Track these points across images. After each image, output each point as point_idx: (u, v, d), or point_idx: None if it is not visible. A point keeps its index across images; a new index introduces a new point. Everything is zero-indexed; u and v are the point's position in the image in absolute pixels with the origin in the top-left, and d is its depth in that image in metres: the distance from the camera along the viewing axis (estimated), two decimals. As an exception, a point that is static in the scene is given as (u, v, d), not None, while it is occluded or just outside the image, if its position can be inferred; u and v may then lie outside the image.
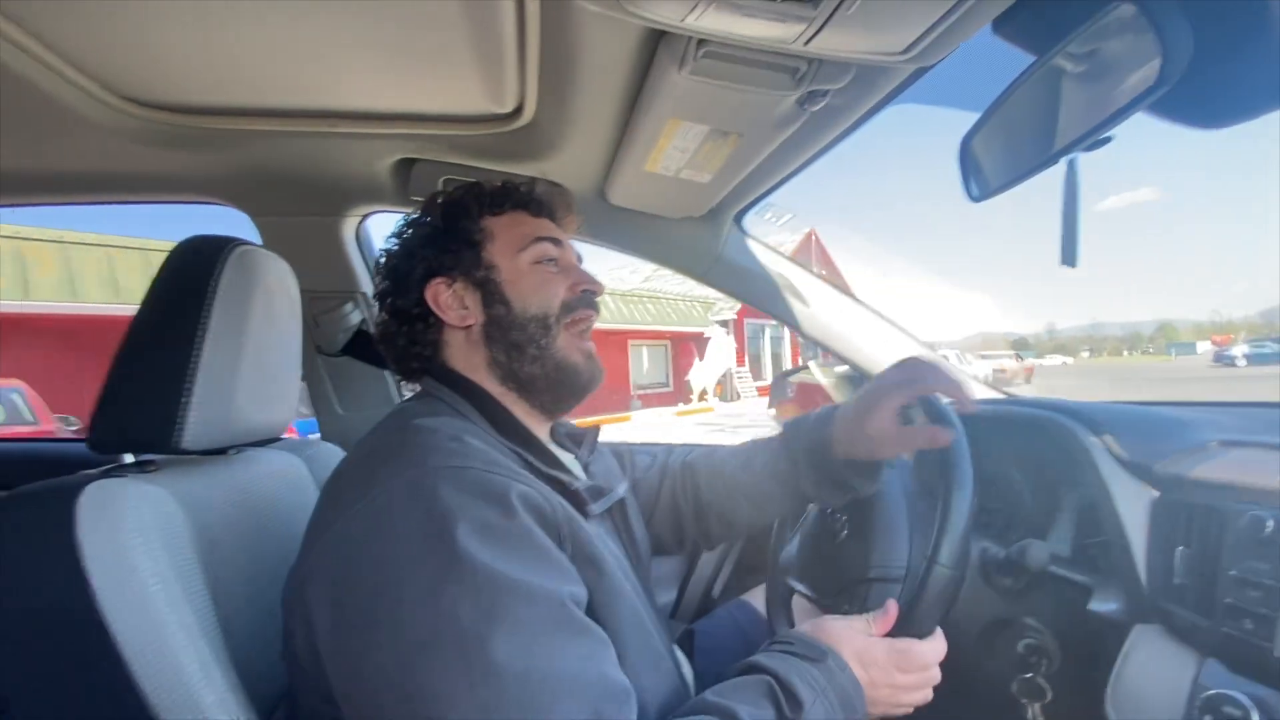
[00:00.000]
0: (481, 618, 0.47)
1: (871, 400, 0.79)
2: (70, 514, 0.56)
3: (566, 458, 0.79)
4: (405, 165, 1.08)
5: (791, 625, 0.93)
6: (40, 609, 0.57)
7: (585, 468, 0.82)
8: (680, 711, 0.54)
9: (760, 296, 1.29)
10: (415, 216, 0.79)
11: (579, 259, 0.80)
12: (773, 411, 1.65)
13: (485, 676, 0.46)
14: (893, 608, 0.66)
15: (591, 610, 0.57)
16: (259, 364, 0.78)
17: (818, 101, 0.73)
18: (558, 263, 0.76)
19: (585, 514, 0.65)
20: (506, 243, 0.75)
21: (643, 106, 0.80)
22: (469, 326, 0.73)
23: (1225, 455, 0.73)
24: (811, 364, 1.51)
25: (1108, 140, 0.51)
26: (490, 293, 0.73)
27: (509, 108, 0.89)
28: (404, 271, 0.74)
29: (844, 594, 0.85)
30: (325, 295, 1.22)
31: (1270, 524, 0.58)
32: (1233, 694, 0.56)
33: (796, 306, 1.28)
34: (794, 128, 0.81)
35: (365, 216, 1.24)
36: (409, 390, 0.79)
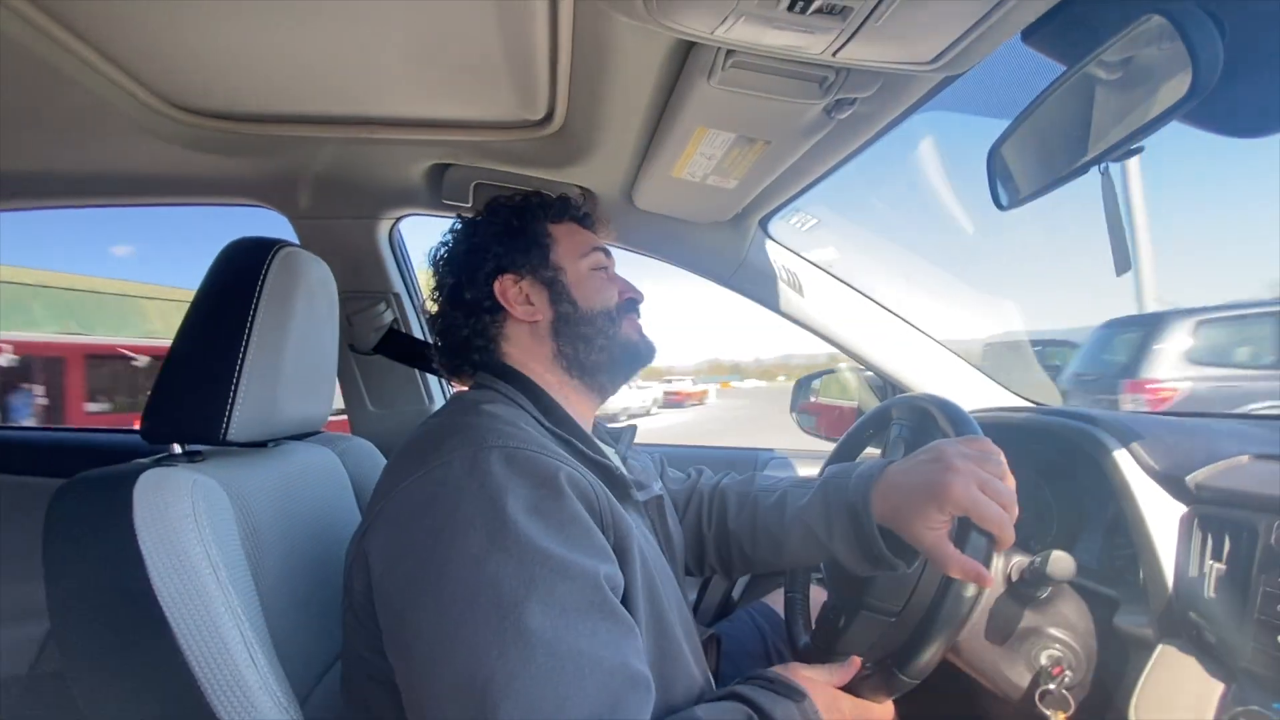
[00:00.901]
0: (520, 586, 0.50)
1: (920, 498, 0.66)
2: (128, 499, 0.59)
3: (608, 450, 0.82)
4: (438, 170, 1.11)
5: (810, 630, 0.94)
6: (99, 587, 0.60)
7: (624, 461, 0.84)
8: None
9: (784, 303, 1.29)
10: (476, 217, 0.84)
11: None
12: (794, 415, 1.64)
13: (516, 642, 0.48)
14: (855, 662, 0.70)
15: (624, 596, 0.59)
16: (300, 361, 0.81)
17: (845, 110, 0.74)
18: (607, 271, 0.84)
19: (628, 499, 0.69)
20: (569, 248, 0.82)
21: (671, 114, 0.82)
22: (534, 321, 0.78)
23: (1259, 469, 0.72)
24: (842, 366, 1.50)
25: (1139, 150, 0.51)
26: (557, 292, 0.79)
27: (540, 114, 0.91)
28: (472, 265, 0.79)
29: (861, 598, 0.85)
30: (359, 295, 1.26)
31: None
32: (1263, 710, 0.55)
33: (822, 314, 1.28)
34: (820, 135, 0.82)
35: (398, 220, 1.27)
36: (449, 386, 0.83)
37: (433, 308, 0.83)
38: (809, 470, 1.37)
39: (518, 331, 0.78)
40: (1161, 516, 0.75)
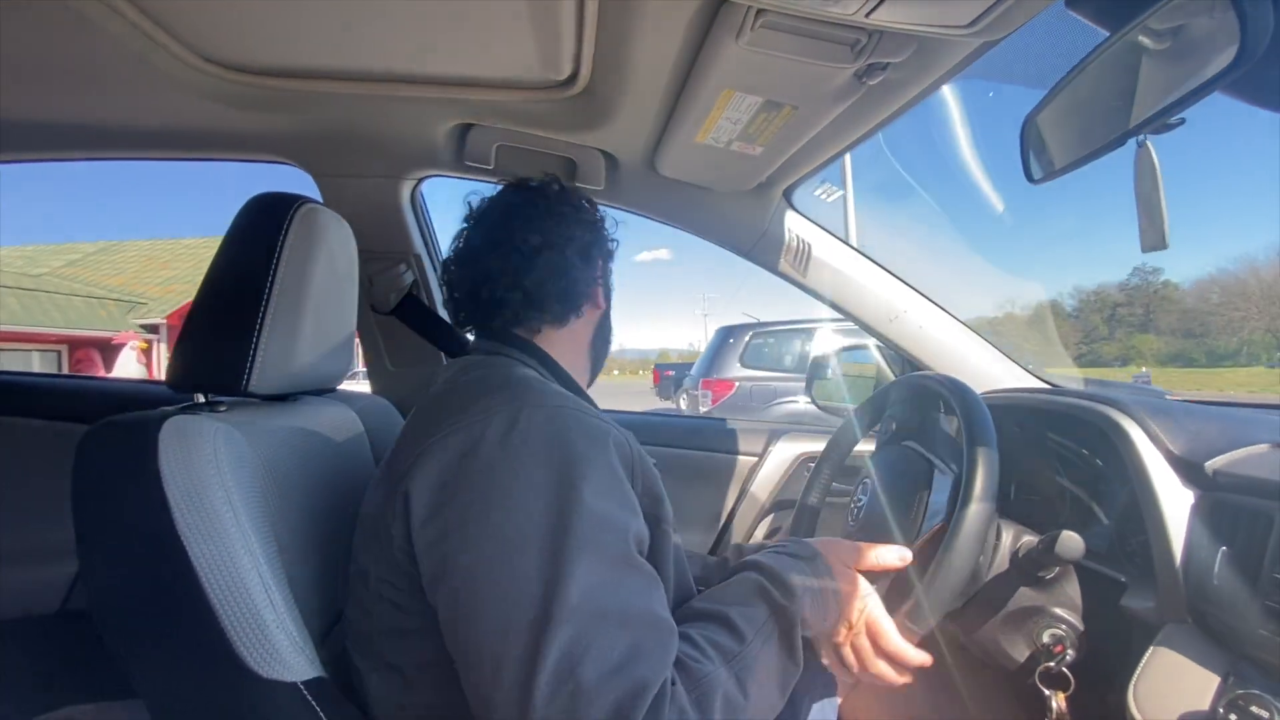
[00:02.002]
0: (565, 533, 0.53)
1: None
2: (153, 444, 0.61)
3: None
4: (461, 130, 1.11)
5: None
6: (125, 529, 0.62)
7: None
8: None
9: (806, 276, 1.27)
10: (580, 209, 0.84)
11: None
12: (810, 394, 1.64)
13: (558, 581, 0.51)
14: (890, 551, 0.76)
15: (650, 547, 0.63)
16: (319, 317, 0.82)
17: (876, 75, 0.72)
18: None
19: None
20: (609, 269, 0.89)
21: (697, 76, 0.80)
22: (595, 314, 0.84)
23: (1276, 458, 0.70)
24: (872, 345, 1.48)
25: (1181, 123, 0.49)
26: (607, 294, 0.87)
27: (564, 74, 0.90)
28: (592, 243, 0.83)
29: None
30: (380, 255, 1.27)
31: None
32: (1262, 695, 0.55)
33: (842, 289, 1.27)
34: (850, 101, 0.80)
35: (421, 180, 1.27)
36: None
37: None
38: (817, 445, 1.37)
39: (592, 314, 0.84)
40: (1176, 501, 0.74)
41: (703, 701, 0.54)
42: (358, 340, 1.34)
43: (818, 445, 1.38)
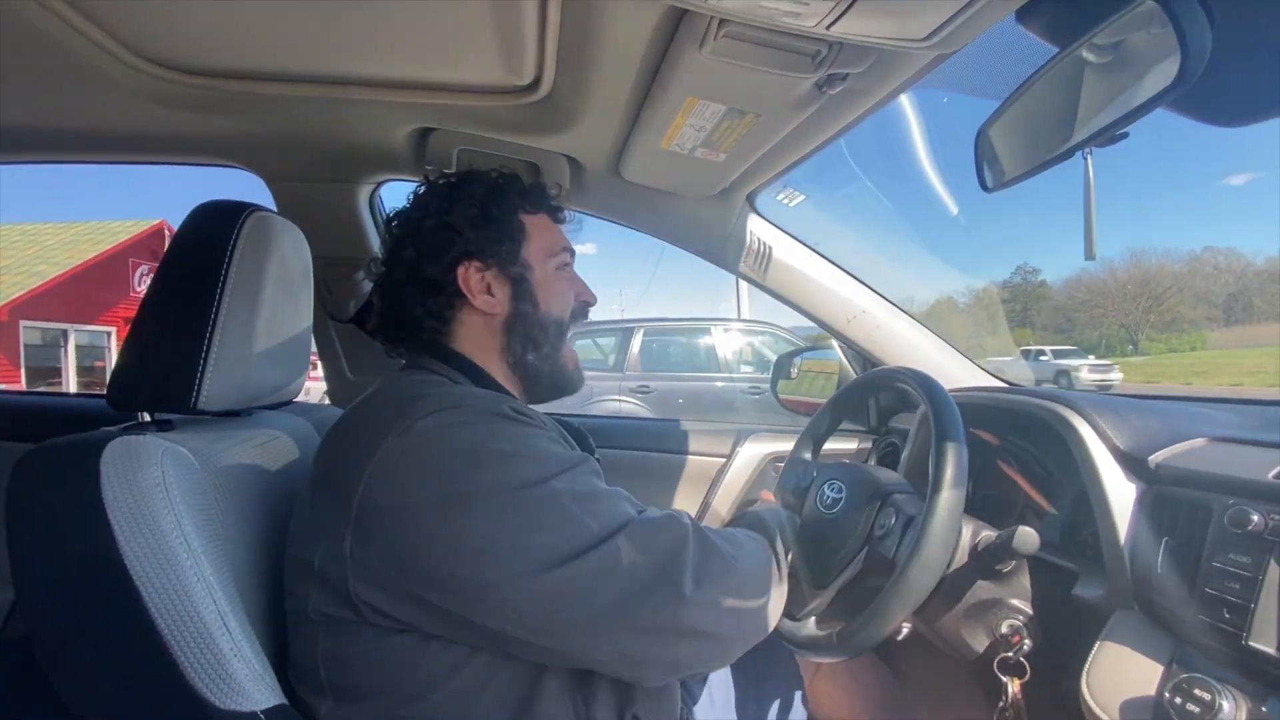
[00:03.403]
0: (541, 473, 0.59)
1: None
2: (95, 469, 0.58)
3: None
4: (421, 135, 1.08)
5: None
6: (67, 557, 0.59)
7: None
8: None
9: (770, 279, 1.29)
10: (449, 189, 0.81)
11: None
12: (774, 392, 1.66)
13: (570, 506, 0.59)
14: None
15: None
16: (273, 329, 0.80)
17: (836, 85, 0.73)
18: (569, 271, 0.84)
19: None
20: (541, 246, 0.81)
21: (661, 83, 0.80)
22: (492, 314, 0.78)
23: (1216, 450, 0.75)
24: (835, 344, 1.51)
25: (1124, 136, 0.52)
26: (521, 289, 0.79)
27: (526, 80, 0.89)
28: (438, 244, 0.77)
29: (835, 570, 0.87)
30: (338, 262, 1.23)
31: (1255, 518, 0.60)
32: (1204, 678, 0.58)
33: (803, 290, 1.29)
34: (811, 110, 0.81)
35: (379, 185, 1.24)
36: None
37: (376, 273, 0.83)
38: (784, 445, 1.39)
39: (472, 319, 0.78)
40: (1122, 493, 0.77)
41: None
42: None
43: (785, 445, 1.40)
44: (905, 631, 0.81)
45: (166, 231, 13.15)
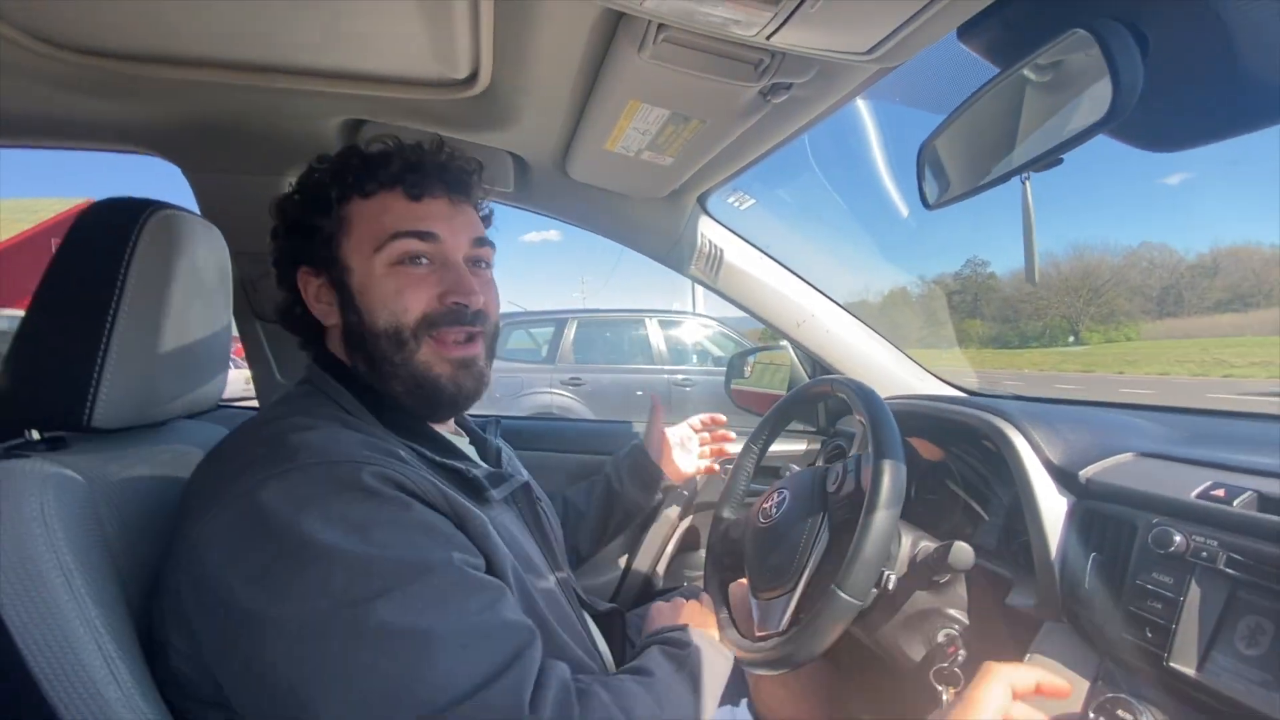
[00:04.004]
0: (366, 590, 0.48)
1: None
2: None
3: (462, 443, 0.77)
4: (353, 127, 1.02)
5: (728, 608, 0.95)
6: None
7: (498, 453, 0.82)
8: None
9: (720, 281, 1.28)
10: (296, 184, 0.74)
11: (480, 244, 0.72)
12: (727, 391, 1.65)
13: (375, 645, 0.46)
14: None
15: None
16: (183, 336, 0.74)
17: (780, 94, 0.71)
18: (430, 260, 0.67)
19: (484, 501, 0.64)
20: (363, 238, 0.66)
21: (602, 85, 0.77)
22: (331, 326, 0.70)
23: (1142, 466, 0.76)
24: (785, 343, 1.51)
25: (1059, 162, 0.51)
26: (345, 297, 0.67)
27: (463, 73, 0.84)
28: (280, 249, 0.72)
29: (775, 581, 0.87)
30: (264, 258, 1.15)
31: (1178, 539, 0.61)
32: (1128, 699, 0.59)
33: (753, 293, 1.28)
34: (757, 117, 0.79)
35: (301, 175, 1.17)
36: None
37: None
38: (734, 447, 1.39)
39: (331, 330, 0.71)
40: (1053, 507, 0.79)
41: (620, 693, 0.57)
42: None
43: (734, 447, 1.39)
44: None
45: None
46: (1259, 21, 0.41)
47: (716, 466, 1.26)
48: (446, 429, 0.77)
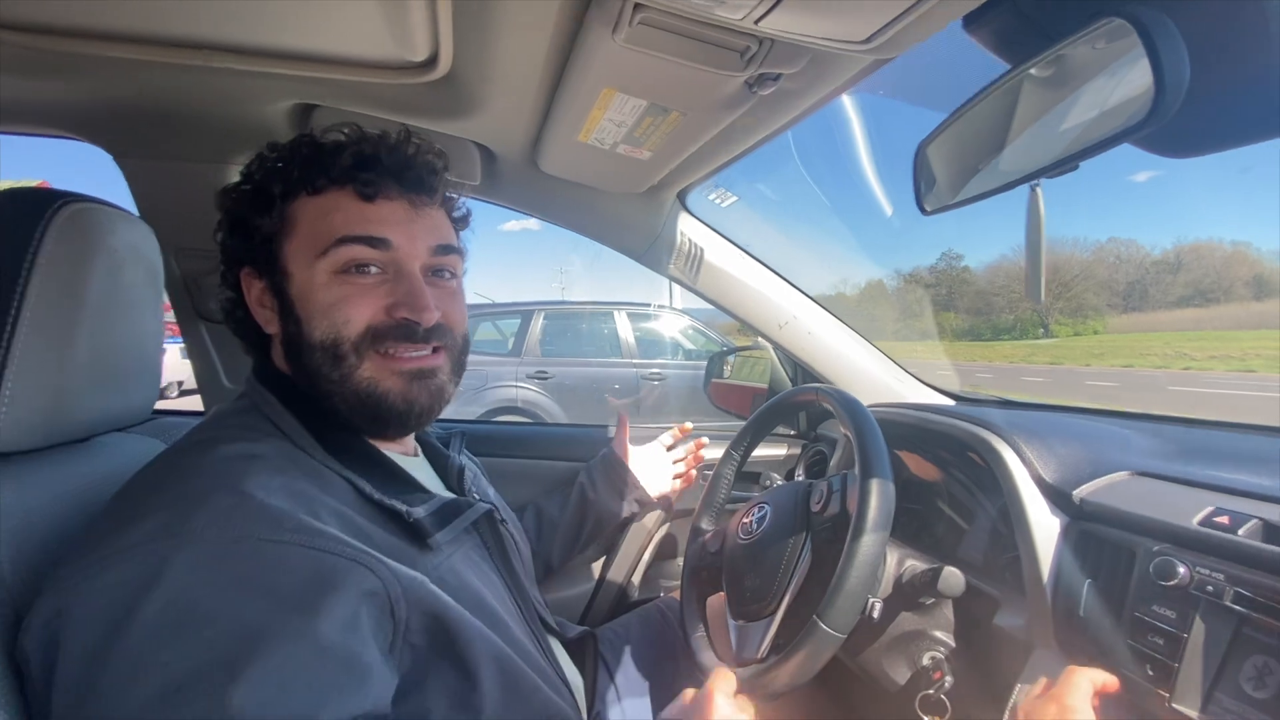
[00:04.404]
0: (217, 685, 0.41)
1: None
2: None
3: (417, 465, 0.71)
4: (304, 111, 0.94)
5: (704, 625, 0.91)
6: None
7: (460, 472, 0.76)
8: None
9: (700, 282, 1.22)
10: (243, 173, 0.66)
11: (443, 252, 0.65)
12: (706, 392, 1.61)
13: None
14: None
15: (431, 649, 0.53)
16: (103, 343, 0.66)
17: (768, 85, 0.65)
18: (381, 269, 0.60)
19: (424, 547, 0.57)
20: (306, 240, 0.59)
21: (573, 71, 0.70)
22: (272, 334, 0.64)
23: (1137, 487, 0.73)
24: (762, 340, 1.47)
25: (1074, 168, 0.46)
26: (284, 305, 0.61)
27: (421, 56, 0.77)
28: (223, 248, 0.65)
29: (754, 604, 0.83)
30: (207, 254, 1.07)
31: (1181, 570, 0.57)
32: None
33: (734, 294, 1.23)
34: (742, 110, 0.74)
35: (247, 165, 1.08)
36: None
37: None
38: (713, 453, 1.34)
39: (274, 338, 0.65)
40: (1045, 527, 0.75)
41: None
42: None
43: (714, 453, 1.34)
44: None
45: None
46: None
47: (694, 474, 1.21)
48: (400, 449, 0.70)
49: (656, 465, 1.15)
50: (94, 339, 0.65)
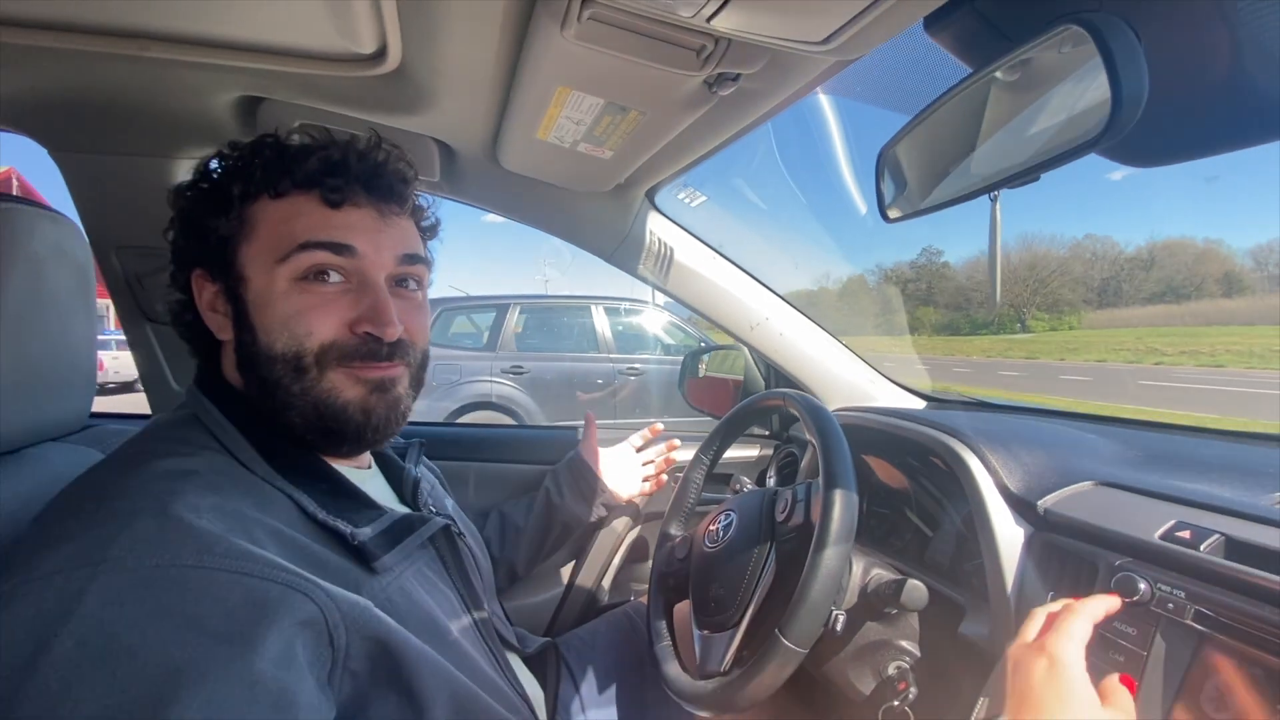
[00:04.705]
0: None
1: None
2: None
3: (369, 479, 0.68)
4: (250, 104, 0.89)
5: (670, 634, 0.89)
6: None
7: (415, 484, 0.72)
8: None
9: (670, 282, 1.20)
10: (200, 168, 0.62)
11: (410, 261, 0.62)
12: (683, 390, 1.59)
13: None
14: None
15: (374, 675, 0.50)
16: (27, 350, 0.63)
17: (728, 86, 0.63)
18: (344, 278, 0.58)
19: (369, 570, 0.54)
20: (266, 245, 0.56)
21: (526, 68, 0.67)
22: (223, 341, 0.60)
23: (1100, 498, 0.72)
24: (734, 344, 1.46)
25: (1035, 178, 0.45)
26: (238, 311, 0.57)
27: (369, 49, 0.73)
28: (174, 244, 0.61)
29: (718, 614, 0.81)
30: (150, 251, 1.02)
31: (1142, 587, 0.57)
32: None
33: (705, 294, 1.21)
34: (703, 110, 0.71)
35: (204, 161, 1.04)
36: None
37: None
38: (684, 454, 1.32)
39: (226, 347, 0.61)
40: (1009, 538, 0.74)
41: None
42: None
43: (685, 455, 1.33)
44: None
45: (15, 181, 11.41)
46: (1266, 26, 0.35)
47: (665, 478, 1.20)
48: (354, 462, 0.67)
49: (625, 468, 1.13)
50: (16, 346, 0.61)
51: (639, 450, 1.16)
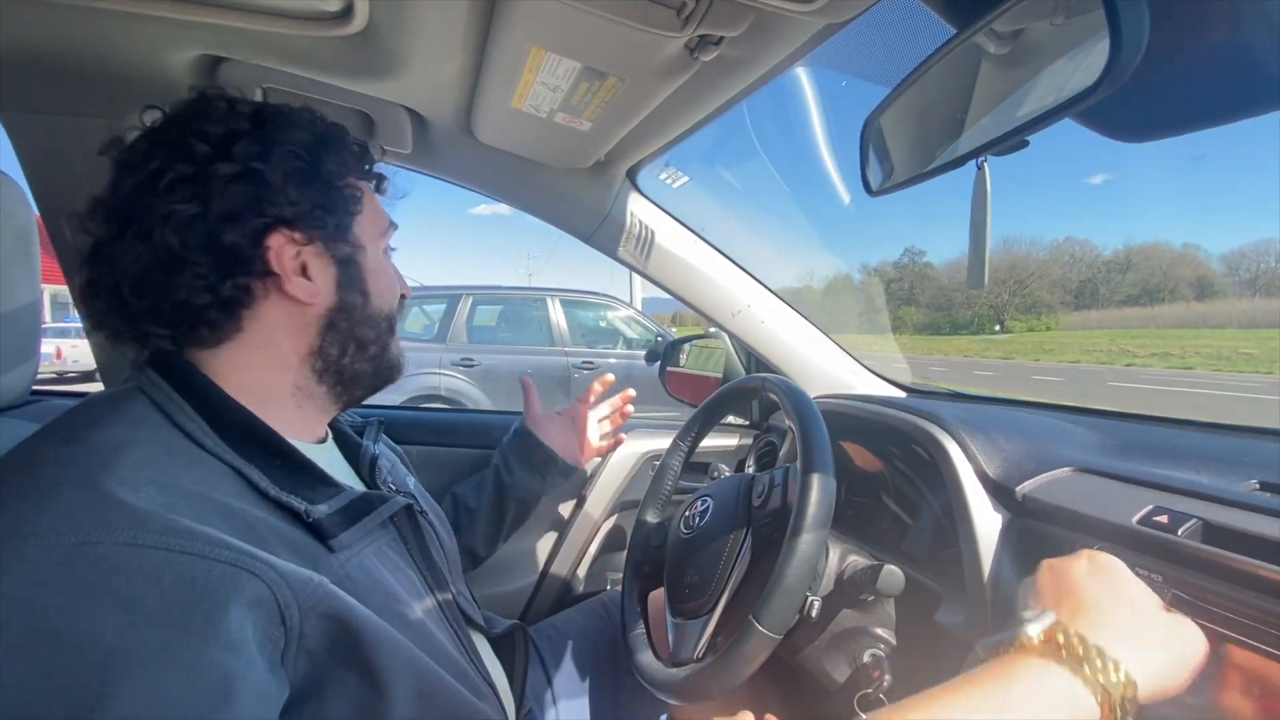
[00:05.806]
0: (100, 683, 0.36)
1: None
2: None
3: (326, 454, 0.66)
4: (209, 63, 0.85)
5: (645, 622, 0.88)
6: None
7: (373, 461, 0.70)
8: None
9: (651, 266, 1.17)
10: (254, 121, 0.57)
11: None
12: (662, 381, 1.57)
13: None
14: None
15: (331, 654, 0.48)
16: None
17: (710, 50, 0.60)
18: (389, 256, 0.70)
19: (329, 547, 0.52)
20: (373, 221, 0.65)
21: (499, 27, 0.64)
22: (308, 304, 0.58)
23: (1078, 484, 0.72)
24: (713, 332, 1.44)
25: (1024, 144, 0.43)
26: (351, 276, 0.61)
27: (334, 6, 0.69)
28: (241, 200, 0.54)
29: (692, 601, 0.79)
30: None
31: None
32: None
33: (686, 279, 1.18)
34: (685, 77, 0.69)
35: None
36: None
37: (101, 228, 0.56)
38: (662, 442, 1.30)
39: (274, 311, 0.57)
40: (987, 524, 0.74)
41: None
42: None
43: (663, 442, 1.31)
44: None
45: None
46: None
47: (624, 437, 1.17)
48: (309, 436, 0.64)
49: (576, 429, 1.10)
50: None
51: (591, 407, 1.13)
